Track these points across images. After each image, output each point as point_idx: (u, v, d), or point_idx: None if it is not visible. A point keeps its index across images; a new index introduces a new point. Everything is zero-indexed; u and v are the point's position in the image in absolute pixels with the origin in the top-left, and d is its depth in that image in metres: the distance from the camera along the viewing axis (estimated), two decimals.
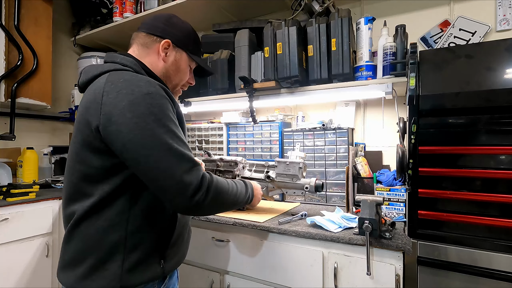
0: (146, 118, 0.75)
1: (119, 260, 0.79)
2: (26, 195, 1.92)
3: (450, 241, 1.05)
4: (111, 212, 0.80)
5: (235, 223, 1.38)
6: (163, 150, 0.75)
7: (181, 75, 1.01)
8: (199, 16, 2.13)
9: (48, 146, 2.63)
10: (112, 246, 0.79)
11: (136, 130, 0.74)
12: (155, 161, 0.75)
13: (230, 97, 1.84)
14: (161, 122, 0.77)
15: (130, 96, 0.76)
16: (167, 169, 0.75)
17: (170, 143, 0.76)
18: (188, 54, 1.00)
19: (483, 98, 1.02)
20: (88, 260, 0.80)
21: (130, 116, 0.74)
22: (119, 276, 0.79)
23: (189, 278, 1.52)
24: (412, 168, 1.12)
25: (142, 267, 0.82)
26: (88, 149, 0.80)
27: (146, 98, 0.77)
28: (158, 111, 0.77)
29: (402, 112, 1.58)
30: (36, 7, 2.26)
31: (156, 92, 0.79)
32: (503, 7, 1.49)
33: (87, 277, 0.79)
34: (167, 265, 0.87)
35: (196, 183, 0.77)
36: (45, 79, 2.30)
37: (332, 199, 1.69)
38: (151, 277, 0.84)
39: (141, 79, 0.80)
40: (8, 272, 1.82)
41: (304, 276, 1.23)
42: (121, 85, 0.78)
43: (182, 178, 0.75)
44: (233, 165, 1.55)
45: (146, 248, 0.83)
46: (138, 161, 0.76)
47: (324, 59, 1.52)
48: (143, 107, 0.76)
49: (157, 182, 0.76)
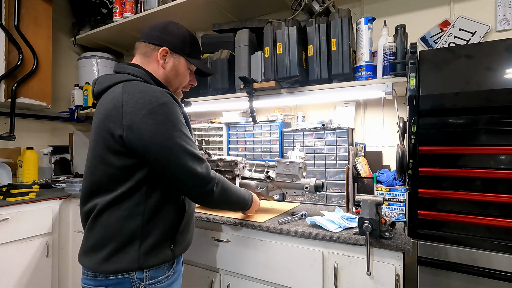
0: (164, 124, 0.90)
1: (137, 245, 0.92)
2: (26, 195, 1.92)
3: (450, 241, 1.05)
4: (129, 204, 0.92)
5: (235, 223, 1.38)
6: (180, 151, 0.91)
7: (180, 79, 1.10)
8: (199, 16, 2.13)
9: (48, 146, 2.64)
10: (131, 233, 0.92)
11: (157, 134, 0.89)
12: (175, 159, 0.91)
13: (230, 97, 1.84)
14: (176, 127, 0.92)
15: (149, 106, 0.89)
16: (184, 166, 0.92)
17: (184, 144, 0.93)
18: (185, 58, 1.09)
19: (483, 98, 1.02)
20: (110, 245, 0.91)
21: (151, 123, 0.88)
22: (137, 258, 0.91)
23: (189, 278, 1.52)
24: (412, 168, 1.12)
25: (156, 251, 0.95)
26: (110, 152, 0.92)
27: (162, 107, 0.90)
28: (173, 118, 0.92)
29: (402, 112, 1.58)
30: (36, 7, 2.26)
31: (169, 101, 0.93)
32: (503, 7, 1.49)
33: (109, 259, 0.91)
34: (176, 250, 1.01)
35: (208, 176, 0.96)
36: (45, 79, 2.30)
37: (332, 199, 1.69)
38: (163, 260, 0.97)
39: (155, 90, 0.93)
40: (8, 272, 1.82)
41: (304, 276, 1.23)
42: (138, 95, 0.90)
43: (196, 172, 0.93)
44: (233, 165, 1.55)
45: (159, 234, 0.95)
46: (160, 160, 0.90)
47: (324, 59, 1.52)
48: (161, 115, 0.90)
49: (177, 176, 0.92)
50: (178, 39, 1.06)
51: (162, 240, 0.97)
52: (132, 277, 0.91)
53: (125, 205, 0.92)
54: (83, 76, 2.68)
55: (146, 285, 0.93)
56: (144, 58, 1.05)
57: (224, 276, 1.44)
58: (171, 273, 1.01)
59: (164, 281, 0.98)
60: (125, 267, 0.90)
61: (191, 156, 0.93)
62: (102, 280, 0.91)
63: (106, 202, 0.92)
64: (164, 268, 0.98)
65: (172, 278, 1.01)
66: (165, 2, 2.04)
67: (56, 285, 2.11)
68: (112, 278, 0.91)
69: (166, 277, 0.99)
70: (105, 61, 2.70)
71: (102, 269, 0.91)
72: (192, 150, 0.94)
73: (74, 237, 2.13)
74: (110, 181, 0.93)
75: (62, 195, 2.09)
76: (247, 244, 1.36)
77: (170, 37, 1.05)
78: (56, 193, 2.11)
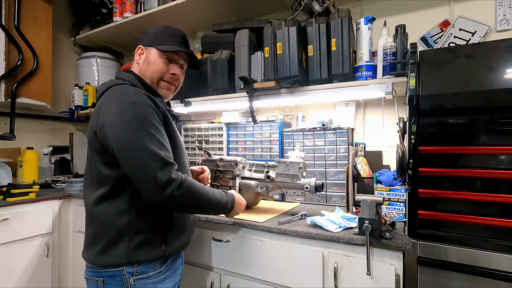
0: (130, 122, 0.91)
1: (126, 241, 0.96)
2: (26, 195, 1.92)
3: (450, 241, 1.05)
4: (118, 201, 0.97)
5: (235, 223, 1.38)
6: (140, 150, 0.90)
7: (152, 67, 1.10)
8: (199, 16, 2.13)
9: (48, 146, 2.64)
10: (121, 229, 0.96)
11: (121, 132, 0.91)
12: (134, 159, 0.90)
13: (230, 97, 1.84)
14: (142, 126, 0.92)
15: (119, 105, 0.93)
16: (142, 166, 0.90)
17: (147, 144, 0.91)
18: (155, 47, 1.09)
19: (483, 98, 1.02)
20: (103, 240, 0.97)
21: (117, 121, 0.91)
22: (126, 254, 0.96)
23: (189, 278, 1.52)
24: (412, 168, 1.12)
25: (146, 248, 0.98)
26: (93, 150, 0.99)
27: (132, 106, 0.93)
28: (141, 117, 0.92)
29: (402, 112, 1.58)
30: (36, 7, 2.26)
31: (141, 101, 0.95)
32: (503, 7, 1.49)
33: (102, 253, 0.97)
34: (168, 249, 1.02)
35: (166, 179, 0.90)
36: (45, 79, 2.30)
37: (332, 199, 1.69)
38: (154, 257, 0.99)
39: (130, 91, 0.97)
40: (8, 272, 1.82)
41: (304, 276, 1.23)
42: (114, 97, 0.96)
43: (154, 174, 0.89)
44: (233, 165, 1.55)
45: (148, 232, 0.99)
46: (121, 158, 0.92)
47: (324, 59, 1.52)
48: (129, 113, 0.92)
49: (134, 176, 0.92)
50: (150, 34, 1.12)
51: (152, 238, 0.99)
52: (123, 271, 0.96)
53: (114, 202, 0.97)
54: (83, 76, 2.68)
55: (136, 280, 0.97)
56: (134, 63, 1.15)
57: (224, 276, 1.44)
58: (164, 270, 1.03)
59: (155, 277, 1.00)
60: (115, 262, 0.96)
61: (152, 156, 0.90)
62: (99, 272, 0.98)
63: (98, 198, 0.98)
64: (156, 264, 1.01)
65: (165, 274, 1.03)
66: (165, 2, 2.04)
67: (56, 285, 2.11)
68: (106, 271, 0.97)
69: (157, 273, 1.01)
70: (105, 61, 2.70)
71: (97, 262, 0.98)
72: (155, 151, 0.91)
73: (74, 237, 2.13)
74: (99, 178, 0.98)
75: (62, 195, 2.09)
76: (247, 244, 1.36)
77: (145, 36, 1.13)
78: (56, 193, 2.11)
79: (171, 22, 2.21)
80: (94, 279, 0.99)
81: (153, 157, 0.90)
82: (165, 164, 0.91)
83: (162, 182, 0.89)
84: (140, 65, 1.11)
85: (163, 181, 0.89)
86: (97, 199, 0.98)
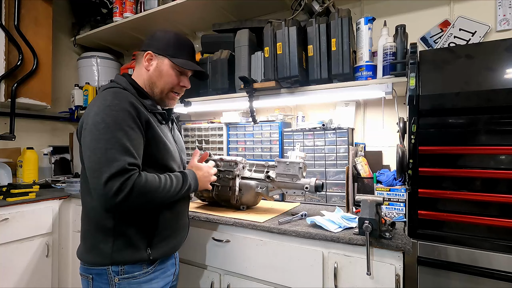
0: (98, 125, 0.90)
1: (110, 242, 0.98)
2: (26, 195, 1.92)
3: (450, 241, 1.05)
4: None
5: (235, 223, 1.38)
6: (98, 153, 0.88)
7: (165, 79, 1.10)
8: (199, 16, 2.13)
9: (48, 146, 2.64)
10: (105, 230, 0.98)
11: (89, 135, 0.91)
12: (91, 162, 0.89)
13: (230, 97, 1.84)
14: (109, 129, 0.90)
15: (96, 108, 0.93)
16: (96, 171, 0.88)
17: (107, 148, 0.88)
18: (169, 59, 1.09)
19: (483, 98, 1.02)
20: (90, 239, 1.01)
21: (90, 123, 0.92)
22: (110, 254, 0.97)
23: (189, 278, 1.52)
24: (412, 168, 1.12)
25: (130, 251, 0.98)
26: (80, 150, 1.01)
27: (105, 109, 0.92)
28: (111, 121, 0.91)
29: (402, 112, 1.58)
30: (36, 7, 2.26)
31: (117, 104, 0.93)
32: (503, 7, 1.49)
33: (89, 252, 1.00)
34: (153, 252, 1.02)
35: (116, 188, 0.86)
36: (45, 79, 2.30)
37: (332, 199, 1.69)
38: (138, 259, 1.00)
39: (111, 94, 0.96)
40: (8, 272, 1.82)
41: (304, 276, 1.23)
42: (97, 100, 0.97)
43: (106, 181, 0.86)
44: (233, 165, 1.54)
45: (132, 235, 0.99)
46: (84, 160, 0.94)
47: (324, 59, 1.52)
48: (99, 116, 0.91)
49: (89, 181, 0.91)
50: (162, 42, 1.11)
51: (136, 241, 0.99)
52: (108, 270, 0.98)
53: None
54: (83, 76, 2.68)
55: (121, 279, 0.98)
56: (137, 65, 1.13)
57: (224, 276, 1.44)
58: (151, 270, 1.03)
59: (141, 277, 1.00)
60: (100, 262, 0.98)
61: (107, 161, 0.87)
62: (88, 269, 1.01)
63: (86, 199, 1.02)
64: (142, 265, 1.01)
65: (152, 275, 1.03)
66: (165, 2, 2.04)
67: (56, 285, 2.11)
68: (94, 268, 0.99)
69: (143, 273, 1.01)
70: (105, 61, 2.70)
71: (85, 260, 1.02)
72: (113, 156, 0.87)
73: (74, 237, 2.13)
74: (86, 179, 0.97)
75: (62, 195, 2.09)
76: (247, 244, 1.36)
77: (155, 41, 1.11)
78: (56, 193, 2.11)
79: (171, 22, 2.22)
80: (85, 275, 1.01)
81: (109, 162, 0.87)
82: (118, 171, 0.86)
83: (112, 191, 0.85)
84: (150, 72, 1.09)
85: (113, 189, 0.85)
86: (86, 201, 1.03)
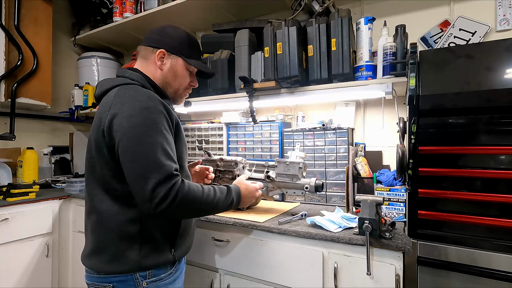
0: (138, 128, 0.87)
1: (137, 249, 0.94)
2: (26, 195, 1.92)
3: (450, 241, 1.05)
4: (127, 208, 0.93)
5: (235, 223, 1.38)
6: (143, 159, 0.85)
7: (180, 80, 1.09)
8: (199, 16, 2.13)
9: (48, 146, 2.64)
10: (131, 237, 0.93)
11: (128, 138, 0.87)
12: (135, 167, 0.86)
13: (230, 97, 1.84)
14: (149, 133, 0.87)
15: (131, 109, 0.88)
16: (141, 177, 0.85)
17: (151, 153, 0.86)
18: (183, 59, 1.08)
19: (483, 98, 1.02)
20: (111, 248, 0.94)
21: (126, 126, 0.87)
22: (138, 261, 0.93)
23: (189, 278, 1.52)
24: (412, 168, 1.12)
25: (157, 255, 0.96)
26: (100, 153, 0.93)
27: (143, 111, 0.88)
28: (151, 123, 0.88)
29: (402, 112, 1.58)
30: (36, 7, 2.26)
31: (153, 106, 0.90)
32: (503, 7, 1.49)
33: (111, 262, 0.93)
34: (177, 253, 1.02)
35: (162, 194, 0.84)
36: (45, 79, 2.30)
37: (332, 199, 1.69)
38: (164, 262, 0.98)
39: (143, 95, 0.92)
40: (8, 272, 1.82)
41: (304, 276, 1.23)
42: (125, 99, 0.90)
43: (152, 188, 0.84)
44: (233, 165, 1.54)
45: (158, 239, 0.97)
46: (124, 165, 0.88)
47: (324, 59, 1.52)
48: (138, 119, 0.87)
49: (132, 185, 0.87)
50: (176, 41, 1.07)
51: (162, 244, 0.98)
52: (135, 275, 0.94)
53: (123, 210, 0.93)
54: (83, 76, 2.68)
55: (149, 282, 0.96)
56: (144, 61, 1.07)
57: (224, 276, 1.44)
58: (173, 271, 1.03)
59: (166, 279, 1.00)
60: (127, 269, 0.93)
61: (153, 167, 0.85)
62: (107, 278, 0.94)
63: (106, 205, 0.94)
64: (166, 266, 1.00)
65: (175, 275, 1.03)
66: (165, 2, 2.04)
67: (56, 285, 2.11)
68: (116, 276, 0.94)
69: (168, 274, 1.00)
70: (105, 61, 2.70)
71: (105, 271, 0.94)
72: (159, 161, 0.86)
73: (74, 237, 2.13)
74: (107, 185, 0.94)
75: (62, 195, 2.09)
76: (247, 244, 1.36)
77: (167, 39, 1.06)
78: (56, 193, 2.11)
79: (171, 22, 2.20)
80: (101, 285, 0.95)
81: (155, 168, 0.85)
82: (166, 177, 0.86)
83: (158, 198, 0.84)
84: (164, 72, 1.06)
85: (159, 196, 0.84)
86: (105, 206, 0.94)
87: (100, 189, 0.96)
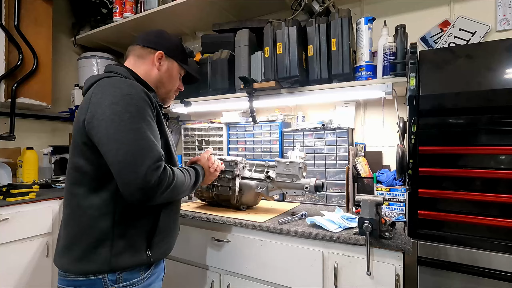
0: (121, 115, 0.84)
1: (108, 246, 0.88)
2: (26, 195, 1.91)
3: (450, 241, 1.05)
4: (99, 202, 0.89)
5: (235, 223, 1.38)
6: (131, 145, 0.82)
7: (173, 82, 1.15)
8: (199, 16, 2.13)
9: (48, 146, 2.63)
10: (102, 232, 0.89)
11: (112, 125, 0.83)
12: (123, 154, 0.81)
13: (230, 97, 1.84)
14: (135, 119, 0.85)
15: (112, 97, 0.86)
16: (131, 164, 0.81)
17: (138, 139, 0.84)
18: (178, 63, 1.14)
19: (483, 98, 1.02)
20: (82, 244, 0.89)
21: (108, 113, 0.84)
22: (108, 260, 0.88)
23: (189, 278, 1.52)
24: (412, 168, 1.12)
25: (129, 253, 0.91)
26: (79, 144, 0.90)
27: (125, 98, 0.86)
28: (134, 110, 0.86)
29: (402, 112, 1.58)
30: (36, 7, 2.25)
31: (135, 93, 0.89)
32: (503, 7, 1.49)
33: (81, 260, 0.88)
34: (153, 254, 0.96)
35: (156, 178, 0.83)
36: (45, 79, 2.30)
37: (332, 199, 1.69)
38: (138, 263, 0.92)
39: (124, 82, 0.91)
40: (8, 272, 1.82)
41: (304, 276, 1.23)
42: (106, 88, 0.89)
43: (145, 173, 0.81)
44: (233, 165, 1.54)
45: (133, 236, 0.92)
46: (109, 153, 0.83)
47: (324, 59, 1.52)
48: (121, 106, 0.85)
49: (121, 174, 0.82)
50: (172, 45, 1.13)
51: (136, 242, 0.92)
52: (104, 279, 0.88)
53: (95, 203, 0.89)
54: (83, 76, 2.68)
55: (119, 287, 0.90)
56: (139, 60, 1.08)
57: (224, 276, 1.44)
58: (148, 275, 0.96)
59: (139, 284, 0.94)
60: (96, 269, 0.88)
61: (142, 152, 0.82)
62: (75, 281, 0.89)
63: (77, 199, 0.91)
64: (140, 270, 0.94)
65: (149, 280, 0.97)
66: (165, 2, 2.04)
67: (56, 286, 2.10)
68: (84, 279, 0.89)
69: (142, 279, 0.94)
70: (105, 61, 2.70)
71: (74, 270, 0.89)
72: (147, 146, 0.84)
73: None
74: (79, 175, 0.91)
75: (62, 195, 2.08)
76: (247, 244, 1.36)
77: (165, 42, 1.11)
78: (56, 193, 2.10)
79: (171, 22, 2.22)
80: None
81: (145, 153, 0.83)
82: (155, 161, 0.84)
83: (151, 184, 0.82)
84: (161, 72, 1.09)
85: (150, 182, 0.81)
86: (76, 202, 0.91)
87: (73, 181, 0.92)
